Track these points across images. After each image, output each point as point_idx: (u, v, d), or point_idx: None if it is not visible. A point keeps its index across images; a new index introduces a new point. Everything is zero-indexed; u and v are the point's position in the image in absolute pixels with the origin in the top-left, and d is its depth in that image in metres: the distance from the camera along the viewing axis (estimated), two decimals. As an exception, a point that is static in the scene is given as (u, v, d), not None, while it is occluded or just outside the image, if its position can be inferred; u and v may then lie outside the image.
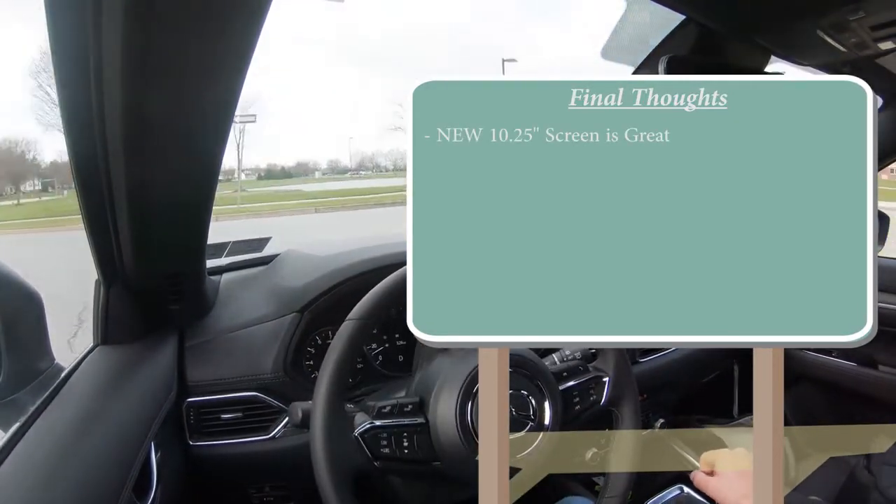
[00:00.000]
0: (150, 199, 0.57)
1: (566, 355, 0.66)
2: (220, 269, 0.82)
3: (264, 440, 0.71)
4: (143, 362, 0.67)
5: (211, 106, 0.51)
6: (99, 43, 0.42)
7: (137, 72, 0.44)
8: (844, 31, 0.71)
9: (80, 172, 0.54)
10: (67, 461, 0.50)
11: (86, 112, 0.47)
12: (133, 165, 0.52)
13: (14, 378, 0.65)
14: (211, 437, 0.71)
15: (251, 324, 0.73)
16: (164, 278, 0.67)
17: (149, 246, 0.62)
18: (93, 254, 0.63)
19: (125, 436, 0.58)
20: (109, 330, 0.67)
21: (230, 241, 0.89)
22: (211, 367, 0.71)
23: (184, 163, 0.56)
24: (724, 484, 0.53)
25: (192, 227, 0.64)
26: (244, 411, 0.71)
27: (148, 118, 0.48)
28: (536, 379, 0.58)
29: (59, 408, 0.57)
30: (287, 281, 0.77)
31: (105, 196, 0.55)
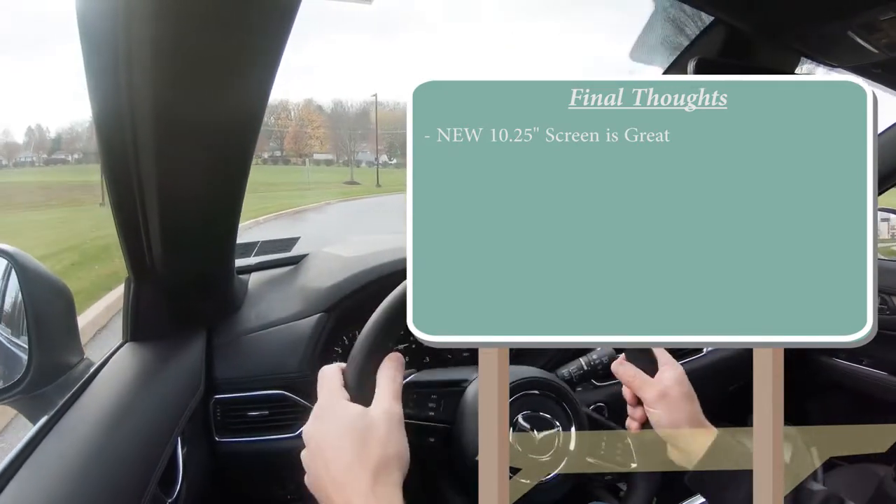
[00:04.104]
0: (179, 197, 0.57)
1: (593, 359, 0.66)
2: (248, 269, 0.83)
3: (290, 438, 0.71)
4: (172, 359, 0.67)
5: (241, 104, 0.51)
6: (129, 40, 0.42)
7: (167, 69, 0.44)
8: (875, 31, 0.69)
9: (111, 170, 0.54)
10: (95, 455, 0.51)
11: (116, 109, 0.48)
12: (163, 163, 0.52)
13: (43, 373, 0.66)
14: (237, 434, 0.71)
15: (279, 323, 0.74)
16: (193, 277, 0.68)
17: (178, 244, 0.62)
18: (123, 251, 0.64)
19: (152, 431, 0.58)
20: (138, 327, 0.68)
21: (259, 240, 0.90)
22: (238, 365, 0.71)
23: (213, 161, 0.56)
24: (668, 406, 0.49)
25: (221, 226, 0.65)
26: (270, 409, 0.71)
27: (178, 116, 0.49)
28: (563, 402, 0.58)
29: (88, 402, 0.58)
30: (315, 281, 0.78)
31: (135, 194, 0.56)
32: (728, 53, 0.74)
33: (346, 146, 38.60)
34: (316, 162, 36.73)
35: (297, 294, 0.77)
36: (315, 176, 26.42)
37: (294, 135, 40.12)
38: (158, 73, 0.44)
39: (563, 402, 0.58)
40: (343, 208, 12.46)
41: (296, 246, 0.89)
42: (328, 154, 39.69)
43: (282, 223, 8.69)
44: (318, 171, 31.84)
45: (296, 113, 42.02)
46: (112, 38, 0.42)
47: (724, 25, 0.74)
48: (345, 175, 27.18)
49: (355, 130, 38.71)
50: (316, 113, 40.99)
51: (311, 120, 39.82)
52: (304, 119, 39.84)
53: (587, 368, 0.66)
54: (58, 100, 32.18)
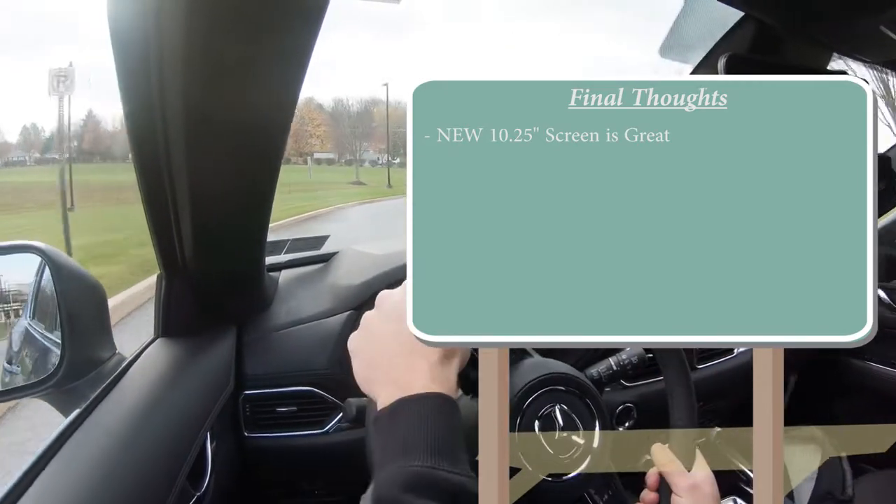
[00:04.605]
0: (210, 196, 0.58)
1: (622, 359, 0.66)
2: (278, 266, 0.83)
3: (318, 434, 0.71)
4: (202, 355, 0.68)
5: (271, 104, 0.51)
6: (160, 42, 0.43)
7: (197, 70, 0.44)
8: (908, 26, 0.69)
9: (143, 168, 0.54)
10: (125, 447, 0.52)
11: (148, 108, 0.48)
12: (194, 163, 0.53)
13: (75, 367, 0.66)
14: (266, 430, 0.72)
15: (308, 320, 0.74)
16: (224, 274, 0.68)
17: (209, 242, 0.63)
18: (155, 248, 0.64)
19: (182, 425, 0.59)
20: (170, 323, 0.68)
21: (289, 238, 0.90)
22: (268, 362, 0.72)
23: (244, 160, 0.56)
24: (696, 499, 0.50)
25: (251, 224, 0.65)
26: (299, 405, 0.71)
27: (208, 117, 0.49)
28: (586, 398, 0.58)
29: (119, 397, 0.58)
30: (345, 279, 0.78)
31: (167, 193, 0.56)
32: (758, 50, 0.73)
33: (349, 144, 38.24)
34: (317, 161, 36.49)
35: (327, 291, 0.77)
36: (316, 176, 26.17)
37: (294, 133, 39.96)
38: (189, 74, 0.44)
39: (587, 400, 0.58)
40: (361, 213, 11.40)
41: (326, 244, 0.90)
42: (329, 153, 39.51)
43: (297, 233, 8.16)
44: (320, 171, 31.58)
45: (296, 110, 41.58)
46: (143, 39, 0.43)
47: (754, 21, 0.74)
48: (348, 175, 26.36)
49: (356, 128, 38.20)
50: (317, 111, 40.82)
51: (311, 118, 39.65)
52: (304, 117, 39.72)
53: (616, 369, 0.66)
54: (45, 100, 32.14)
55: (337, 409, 0.71)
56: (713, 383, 0.86)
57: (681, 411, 0.60)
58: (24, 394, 0.67)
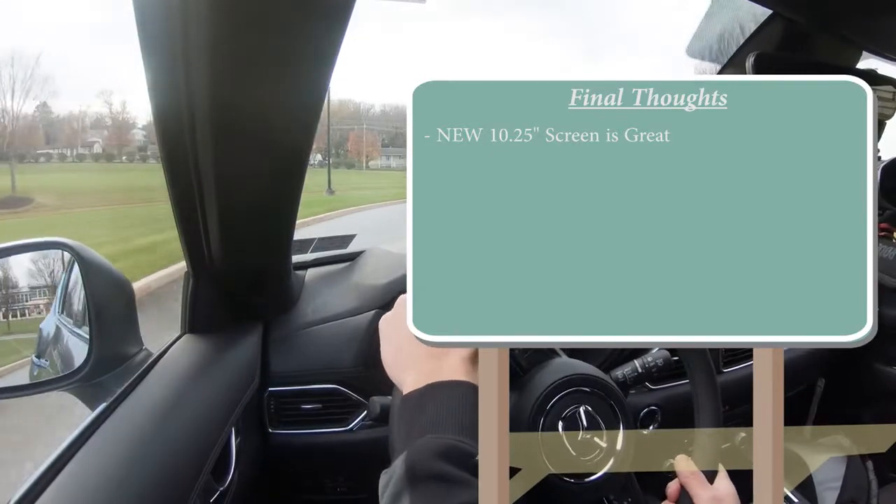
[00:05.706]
0: (237, 194, 0.58)
1: (648, 361, 0.65)
2: (305, 265, 0.84)
3: (342, 432, 0.72)
4: (228, 352, 0.68)
5: (299, 102, 0.51)
6: (186, 40, 0.43)
7: (224, 69, 0.45)
8: (940, 24, 0.68)
9: (171, 167, 0.55)
10: (150, 442, 0.52)
11: (176, 107, 0.48)
12: (221, 161, 0.53)
13: (103, 362, 0.67)
14: (290, 427, 0.72)
15: (334, 319, 0.75)
16: (251, 272, 0.69)
17: (236, 240, 0.63)
18: (182, 246, 0.65)
19: (207, 421, 0.59)
20: (196, 320, 0.69)
21: (315, 237, 0.91)
22: (293, 359, 0.72)
23: (271, 158, 0.57)
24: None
25: (278, 223, 0.66)
26: (324, 403, 0.72)
27: (236, 115, 0.49)
28: (610, 399, 0.57)
29: (145, 392, 0.59)
30: (370, 278, 0.78)
31: (195, 190, 0.57)
32: (786, 48, 0.72)
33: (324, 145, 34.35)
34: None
35: (353, 290, 0.77)
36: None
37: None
38: (215, 73, 0.45)
39: (612, 402, 0.58)
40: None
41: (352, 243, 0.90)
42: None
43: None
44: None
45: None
46: (169, 38, 0.43)
47: (782, 19, 0.73)
48: (321, 179, 19.80)
49: (335, 126, 34.85)
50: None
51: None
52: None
53: (642, 371, 0.65)
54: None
55: (361, 407, 0.72)
56: (739, 386, 0.85)
57: (706, 414, 0.59)
58: (53, 387, 0.68)
